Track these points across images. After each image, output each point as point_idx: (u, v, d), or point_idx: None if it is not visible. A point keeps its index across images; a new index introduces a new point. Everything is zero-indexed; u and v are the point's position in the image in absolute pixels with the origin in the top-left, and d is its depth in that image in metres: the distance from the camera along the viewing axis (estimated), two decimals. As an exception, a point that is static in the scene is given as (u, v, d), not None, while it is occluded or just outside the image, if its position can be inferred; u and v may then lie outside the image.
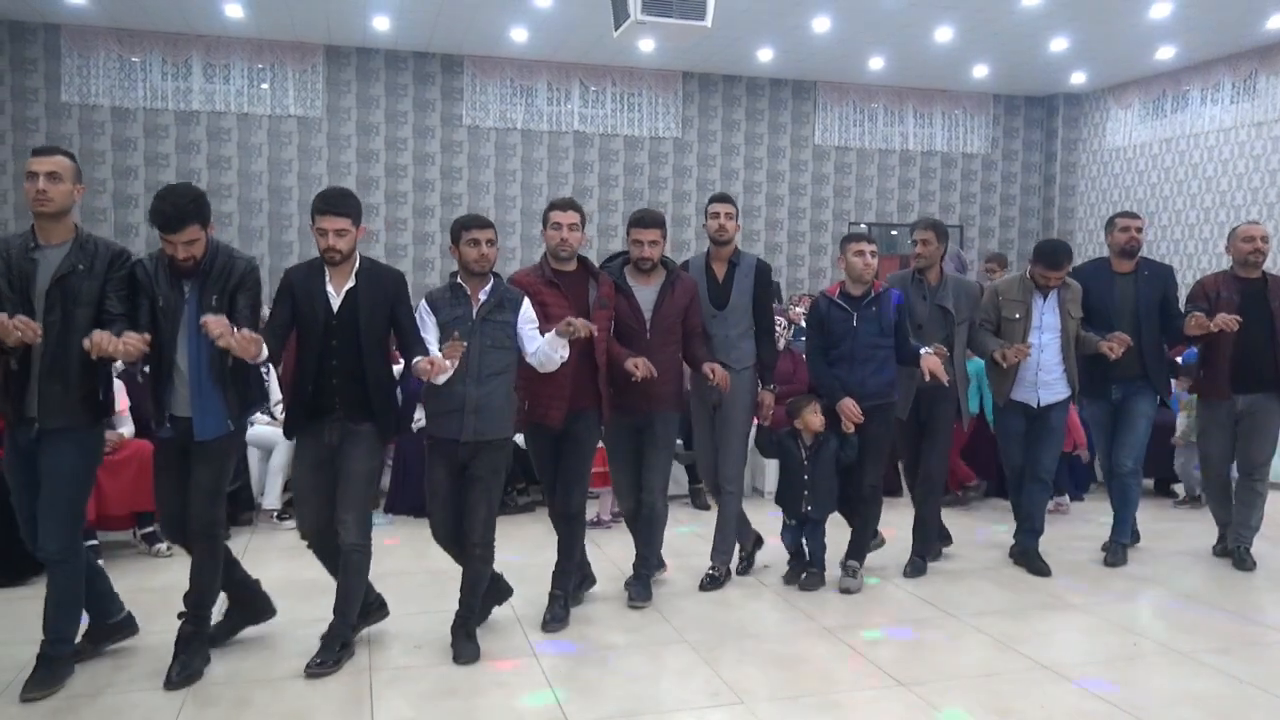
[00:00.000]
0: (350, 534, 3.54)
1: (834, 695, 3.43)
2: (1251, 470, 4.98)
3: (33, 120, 12.58)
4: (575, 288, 4.05)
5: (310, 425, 3.58)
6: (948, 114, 15.97)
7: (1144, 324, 4.81)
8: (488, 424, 3.67)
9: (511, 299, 3.76)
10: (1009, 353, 4.60)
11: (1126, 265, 4.92)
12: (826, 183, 15.66)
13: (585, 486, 4.18)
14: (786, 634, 4.04)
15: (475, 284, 3.73)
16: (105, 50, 12.76)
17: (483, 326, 3.67)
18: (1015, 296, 4.79)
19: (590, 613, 4.25)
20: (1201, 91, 13.80)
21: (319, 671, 3.49)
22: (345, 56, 13.62)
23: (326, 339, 3.52)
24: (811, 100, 15.44)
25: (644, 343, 4.21)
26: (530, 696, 3.38)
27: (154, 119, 13.05)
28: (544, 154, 14.46)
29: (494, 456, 3.73)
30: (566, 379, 3.87)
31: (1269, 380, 4.84)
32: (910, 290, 4.72)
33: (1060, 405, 4.80)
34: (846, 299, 4.50)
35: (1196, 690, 3.50)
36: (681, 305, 4.30)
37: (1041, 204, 16.39)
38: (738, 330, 4.49)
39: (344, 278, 3.57)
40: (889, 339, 4.45)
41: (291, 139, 13.56)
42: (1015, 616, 4.28)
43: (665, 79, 14.79)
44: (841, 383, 4.44)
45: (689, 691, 3.45)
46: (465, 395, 3.63)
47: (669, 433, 4.39)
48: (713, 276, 4.55)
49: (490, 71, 14.13)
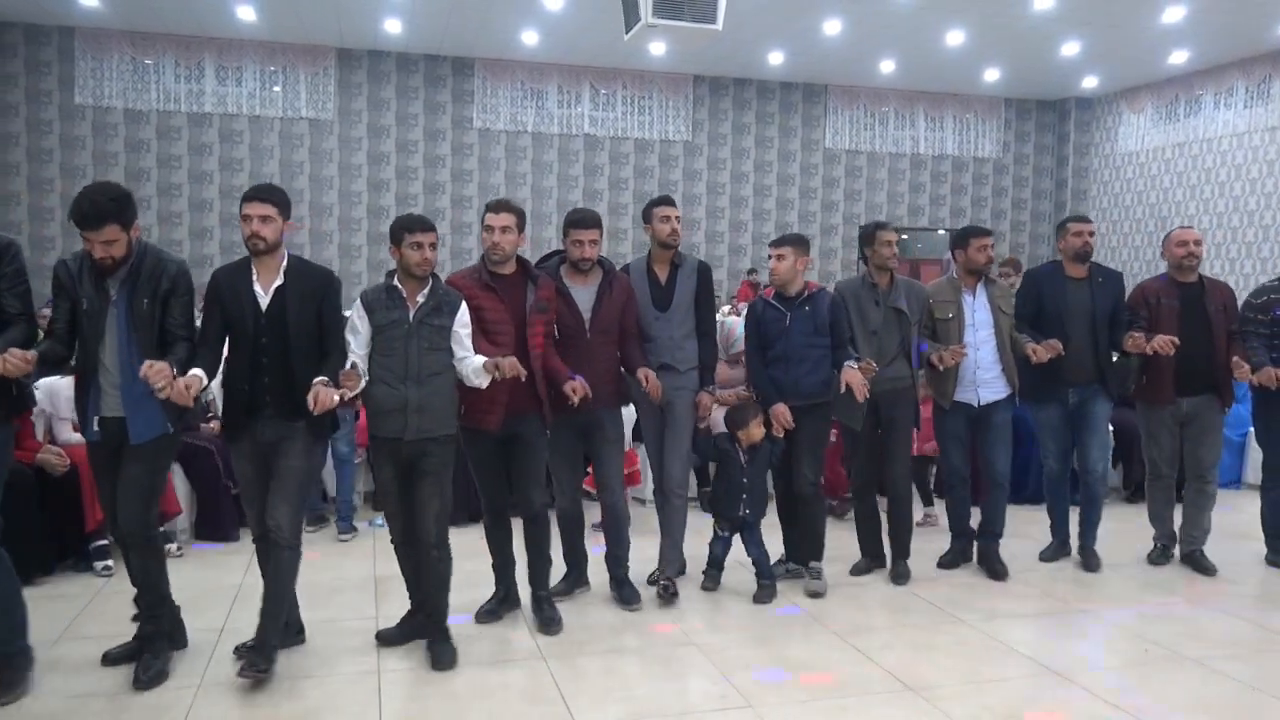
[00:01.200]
0: (283, 534, 3.48)
1: (842, 699, 3.42)
2: (1202, 473, 4.96)
3: (46, 123, 12.67)
4: (512, 291, 3.96)
5: (246, 424, 3.53)
6: (959, 118, 15.94)
7: (1099, 329, 4.79)
8: (431, 422, 3.62)
9: (449, 302, 3.70)
10: (945, 355, 4.56)
11: (1080, 270, 4.89)
12: (837, 186, 15.65)
13: (543, 487, 4.11)
14: (794, 638, 4.03)
15: (413, 286, 3.66)
16: (119, 53, 12.84)
17: (419, 329, 3.62)
18: (946, 296, 4.77)
19: (596, 615, 4.25)
20: (1214, 96, 13.75)
21: (252, 675, 3.39)
22: (357, 59, 13.67)
23: (256, 337, 3.48)
24: (822, 104, 15.44)
25: (584, 343, 4.17)
26: (537, 699, 3.38)
27: (167, 121, 13.12)
28: (554, 157, 14.49)
29: (441, 453, 3.67)
30: (504, 385, 3.75)
31: (1209, 383, 4.86)
32: (863, 295, 4.66)
33: (1003, 404, 4.75)
34: (780, 300, 4.51)
35: (1206, 695, 3.48)
36: (620, 304, 4.25)
37: (1053, 208, 16.34)
38: (682, 331, 4.45)
39: (272, 275, 3.50)
40: (824, 338, 4.44)
41: (303, 141, 13.62)
42: (1024, 621, 4.26)
43: (676, 82, 14.80)
44: (777, 384, 4.44)
45: (696, 695, 3.45)
46: (406, 397, 3.58)
47: (618, 428, 4.36)
48: (655, 279, 4.49)
49: (501, 74, 14.16)
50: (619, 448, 4.38)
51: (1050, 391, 4.85)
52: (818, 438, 4.54)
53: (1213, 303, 4.88)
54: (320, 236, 13.66)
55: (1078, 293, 4.84)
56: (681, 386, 4.40)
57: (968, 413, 4.77)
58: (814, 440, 4.53)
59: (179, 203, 13.24)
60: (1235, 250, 13.43)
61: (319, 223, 13.70)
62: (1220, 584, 4.83)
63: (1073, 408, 4.90)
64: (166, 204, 13.21)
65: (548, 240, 14.38)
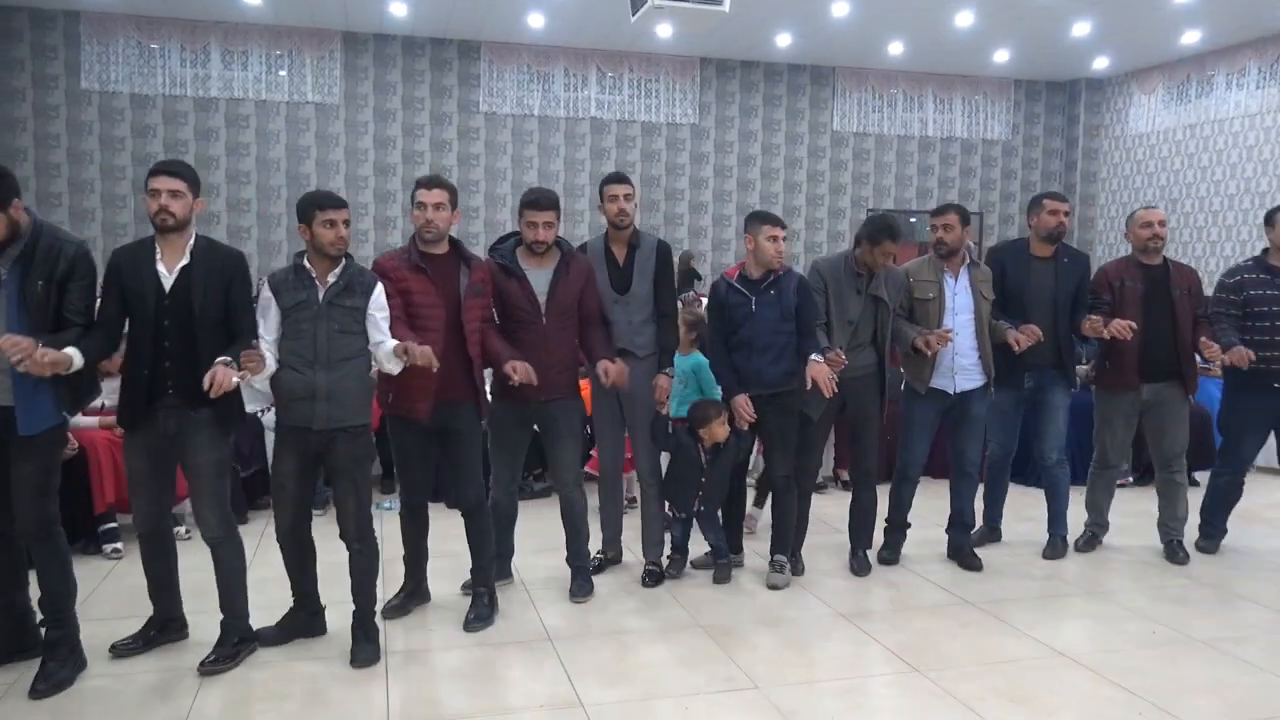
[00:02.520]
0: (210, 528, 3.39)
1: (849, 681, 3.42)
2: (1169, 462, 4.85)
3: (53, 107, 12.66)
4: (444, 273, 3.76)
5: (146, 413, 3.34)
6: (968, 100, 15.83)
7: (1060, 313, 4.63)
8: (341, 411, 3.43)
9: (363, 283, 3.49)
10: (931, 339, 4.34)
11: (1046, 250, 4.71)
12: (845, 169, 15.57)
13: (479, 480, 3.92)
14: (802, 620, 4.04)
15: (324, 266, 3.46)
16: (124, 37, 12.82)
17: (329, 311, 3.42)
18: (927, 276, 4.56)
19: (604, 597, 4.26)
20: (1227, 76, 13.62)
21: (213, 669, 3.36)
22: (362, 43, 13.63)
23: (159, 319, 3.28)
24: (830, 86, 15.35)
25: (539, 329, 3.98)
26: (544, 679, 3.39)
27: (173, 105, 13.11)
28: (561, 140, 14.44)
29: (353, 445, 3.49)
30: (432, 372, 3.58)
31: (1172, 369, 4.72)
32: (844, 281, 4.42)
33: (978, 392, 4.57)
34: (745, 282, 4.28)
35: (1215, 678, 3.48)
36: (577, 288, 4.07)
37: (1063, 190, 16.23)
38: (641, 315, 4.29)
39: (177, 255, 3.32)
40: (790, 324, 4.23)
41: (309, 125, 13.60)
42: (1031, 604, 4.25)
43: (683, 65, 14.73)
44: (739, 372, 4.25)
45: (704, 676, 3.45)
46: (315, 383, 3.39)
47: (572, 421, 4.17)
48: (613, 260, 4.31)
49: (507, 58, 14.11)
50: (575, 442, 4.21)
51: (1006, 375, 4.64)
52: (785, 428, 4.36)
53: (1177, 286, 4.71)
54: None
55: (1042, 273, 4.67)
56: (640, 373, 4.23)
57: (942, 401, 4.59)
58: (782, 431, 4.36)
59: (186, 187, 13.23)
60: (1246, 232, 13.33)
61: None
62: (1228, 566, 4.82)
63: (1029, 393, 4.76)
64: (173, 189, 13.20)
65: (554, 224, 14.35)
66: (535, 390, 3.85)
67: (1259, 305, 4.69)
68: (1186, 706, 3.22)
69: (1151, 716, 3.16)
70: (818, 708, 3.20)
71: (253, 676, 3.39)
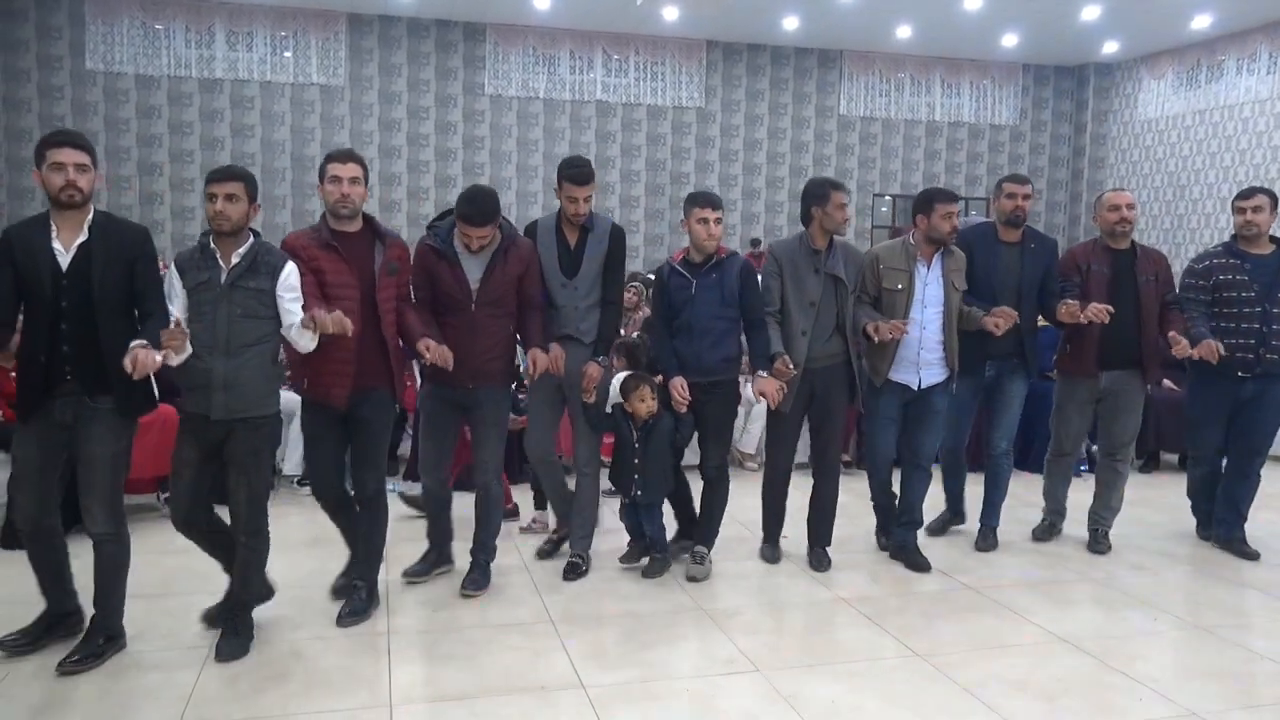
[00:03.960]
0: (98, 523, 3.21)
1: (850, 665, 3.42)
2: (1115, 450, 4.75)
3: (58, 88, 12.65)
4: (357, 251, 3.58)
5: (42, 403, 3.15)
6: (976, 84, 15.75)
7: (1025, 300, 4.46)
8: (241, 400, 3.24)
9: (269, 263, 3.29)
10: (882, 326, 4.09)
11: (1013, 234, 4.55)
12: (851, 154, 15.51)
13: (381, 470, 3.75)
14: (803, 604, 4.04)
15: (227, 245, 3.26)
16: (129, 18, 12.78)
17: (232, 293, 3.22)
18: (898, 264, 4.30)
19: (606, 580, 4.26)
20: (1237, 61, 13.52)
21: (74, 668, 3.18)
22: (368, 24, 13.58)
23: (55, 300, 3.09)
24: (837, 70, 15.27)
25: (468, 315, 3.81)
26: (546, 661, 3.40)
27: (178, 87, 13.09)
28: (566, 123, 14.40)
29: (251, 437, 3.30)
30: (350, 354, 3.47)
31: (1133, 357, 4.58)
32: (800, 260, 4.25)
33: (941, 387, 4.37)
34: (687, 266, 4.17)
35: (1218, 665, 3.47)
36: (515, 274, 3.89)
37: (1070, 176, 16.16)
38: (588, 301, 4.13)
39: (74, 231, 3.13)
40: (733, 309, 4.13)
41: (314, 107, 13.57)
42: (1033, 589, 4.25)
43: (689, 48, 14.65)
44: (680, 357, 4.13)
45: (705, 659, 3.46)
46: (213, 370, 3.20)
47: (499, 410, 4.00)
48: (564, 242, 4.14)
49: (513, 40, 14.05)
50: (499, 431, 4.03)
51: (968, 364, 4.47)
52: (723, 418, 4.26)
53: (1144, 273, 4.56)
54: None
55: (1008, 258, 4.51)
56: (584, 359, 4.10)
57: (904, 395, 4.38)
58: (719, 421, 4.24)
59: (190, 169, 13.22)
60: (1255, 219, 13.30)
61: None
62: (1232, 554, 4.81)
63: (988, 381, 4.63)
64: (179, 170, 13.20)
65: (560, 208, 14.34)
66: (463, 376, 3.75)
67: (1227, 291, 4.58)
68: (1189, 692, 3.22)
69: (1153, 702, 3.16)
70: (818, 691, 3.20)
71: (252, 656, 3.40)
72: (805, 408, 4.35)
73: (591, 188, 4.11)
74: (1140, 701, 3.17)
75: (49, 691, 3.10)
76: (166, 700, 3.06)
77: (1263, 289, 4.53)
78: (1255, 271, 4.55)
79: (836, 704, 3.12)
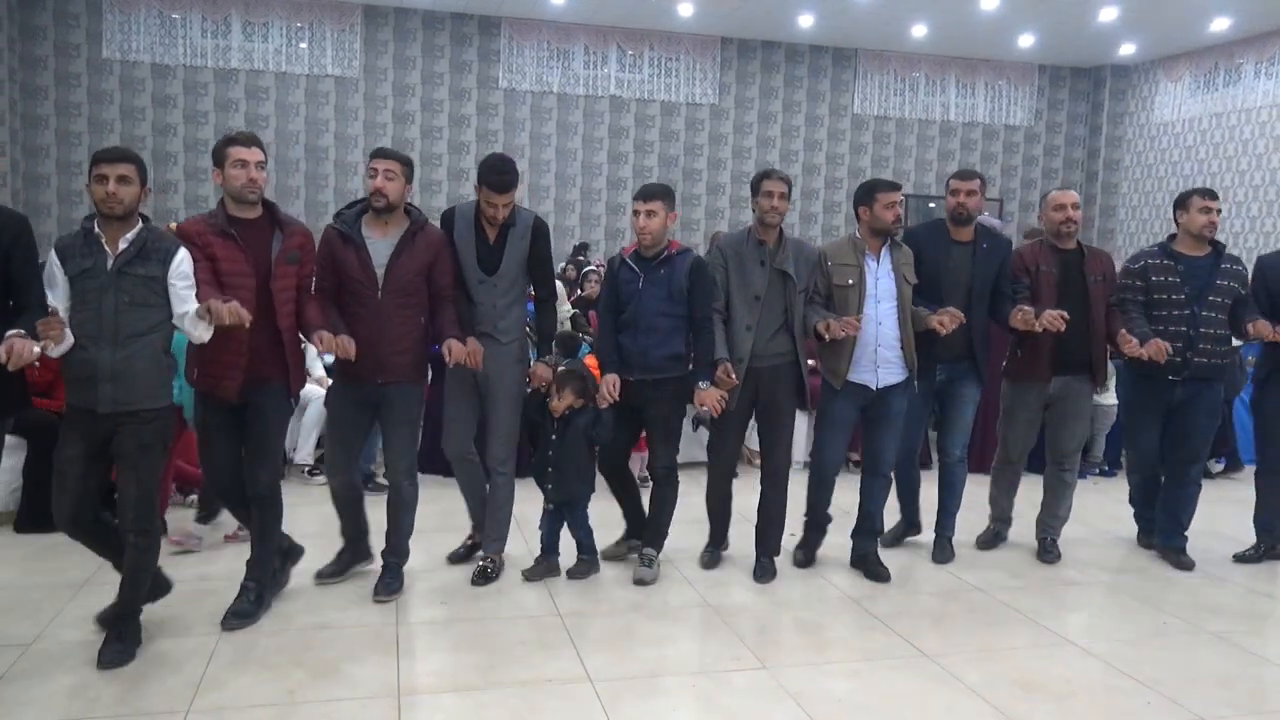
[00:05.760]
0: None
1: (856, 664, 3.42)
2: (1062, 459, 4.64)
3: (74, 76, 12.69)
4: (256, 238, 3.44)
5: None
6: (991, 84, 15.67)
7: (976, 302, 4.31)
8: (129, 393, 3.09)
9: (159, 249, 3.13)
10: (833, 324, 3.94)
11: (964, 233, 4.39)
12: (865, 153, 15.45)
13: (275, 465, 3.63)
14: (810, 602, 4.04)
15: (114, 230, 3.10)
16: (146, 7, 12.82)
17: (119, 280, 3.05)
18: (847, 260, 4.15)
19: (612, 576, 4.27)
20: (1255, 64, 13.43)
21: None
22: (383, 16, 13.59)
23: None
24: (852, 68, 15.21)
25: (374, 303, 3.66)
26: (553, 654, 3.41)
27: (193, 76, 13.12)
28: (580, 118, 14.38)
29: (141, 431, 3.14)
30: (243, 345, 3.34)
31: (1084, 360, 4.47)
32: (746, 254, 4.12)
33: (900, 388, 4.21)
34: (637, 260, 4.06)
35: (1227, 671, 3.46)
36: (424, 262, 3.74)
37: (1085, 179, 16.07)
38: (507, 299, 3.96)
39: None
40: (680, 307, 4.00)
41: (329, 99, 13.59)
42: (1042, 592, 4.24)
43: (704, 44, 14.62)
44: (625, 353, 4.04)
45: (711, 655, 3.46)
46: (99, 361, 3.04)
47: (408, 407, 3.86)
48: (483, 237, 3.96)
49: (527, 34, 14.04)
50: (411, 429, 3.93)
51: (922, 368, 4.31)
52: (668, 417, 4.13)
53: (1092, 272, 4.46)
54: (346, 195, 13.64)
55: (959, 258, 4.36)
56: (503, 358, 3.96)
57: (863, 396, 4.21)
58: (665, 420, 4.12)
59: (205, 159, 13.23)
60: (1270, 224, 13.18)
61: (344, 181, 13.69)
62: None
63: (939, 386, 4.47)
64: (193, 159, 13.23)
65: (572, 203, 14.35)
66: (371, 371, 3.66)
67: (1160, 293, 4.49)
68: (1197, 697, 3.21)
69: (1161, 707, 3.15)
70: (825, 689, 3.20)
71: (261, 643, 3.42)
72: (750, 408, 4.21)
73: (511, 196, 3.90)
74: (1148, 705, 3.16)
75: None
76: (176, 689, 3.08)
77: (1194, 291, 4.44)
78: (1188, 274, 4.47)
79: (843, 702, 3.12)
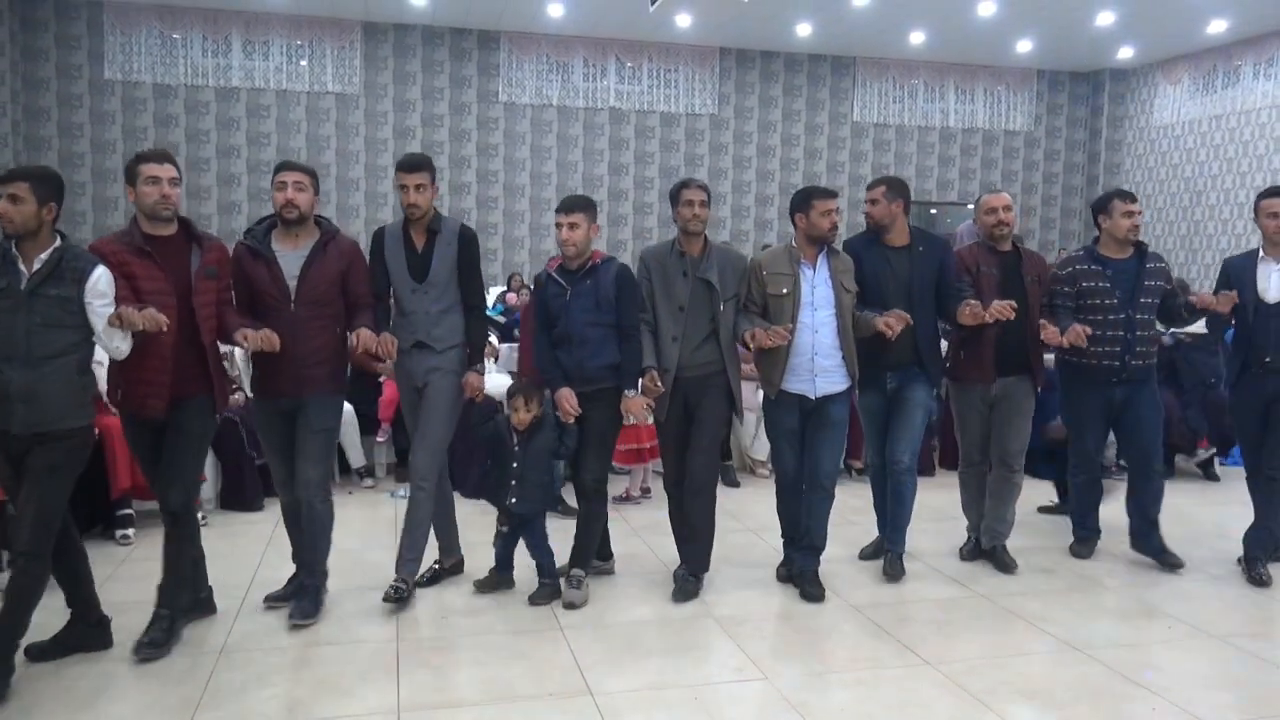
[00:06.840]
0: None
1: (860, 673, 3.41)
2: (1008, 460, 4.56)
3: (76, 97, 12.76)
4: (173, 255, 3.42)
5: None
6: (990, 90, 15.69)
7: (918, 306, 4.21)
8: (43, 414, 3.07)
9: (75, 268, 3.10)
10: (762, 334, 3.90)
11: (896, 239, 4.34)
12: (865, 160, 15.47)
13: (189, 482, 3.56)
14: (813, 611, 4.02)
15: (30, 248, 3.08)
16: (147, 27, 12.89)
17: (32, 301, 3.04)
18: (781, 269, 4.09)
19: (616, 588, 4.26)
20: (1254, 66, 13.42)
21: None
22: (383, 32, 13.65)
23: None
24: (850, 76, 15.25)
25: (287, 315, 3.62)
26: (554, 669, 3.40)
27: (195, 95, 13.18)
28: (580, 130, 14.42)
29: (52, 451, 3.10)
30: (166, 363, 3.31)
31: (1022, 362, 4.46)
32: (669, 264, 4.08)
33: (840, 397, 4.14)
34: (563, 273, 4.05)
35: (1232, 675, 3.44)
36: (336, 271, 3.72)
37: (1085, 182, 16.07)
38: (440, 306, 3.94)
39: None
40: (609, 315, 3.97)
41: (329, 115, 13.64)
42: (1045, 598, 4.22)
43: (702, 55, 14.66)
44: (562, 367, 4.01)
45: (714, 666, 3.45)
46: (11, 381, 3.02)
47: (325, 417, 3.78)
48: (411, 246, 3.96)
49: (526, 48, 14.09)
50: (324, 438, 3.81)
51: (869, 376, 4.29)
52: (603, 427, 4.06)
53: (1029, 273, 4.47)
54: (347, 211, 13.69)
55: (896, 263, 4.29)
56: (436, 367, 3.93)
57: (801, 406, 4.13)
58: (600, 431, 4.05)
59: (207, 177, 13.32)
60: (1273, 225, 13.19)
61: (345, 197, 13.73)
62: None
63: (890, 393, 4.38)
64: (195, 178, 13.29)
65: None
66: (286, 384, 3.65)
67: (1091, 298, 4.48)
68: (1203, 702, 3.19)
69: (1167, 712, 3.13)
70: (828, 699, 3.19)
71: (266, 660, 3.41)
72: (685, 419, 4.13)
73: (422, 176, 3.89)
74: (1154, 711, 3.14)
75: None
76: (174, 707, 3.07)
77: (1125, 295, 4.44)
78: (1117, 277, 4.46)
79: (846, 712, 3.10)
